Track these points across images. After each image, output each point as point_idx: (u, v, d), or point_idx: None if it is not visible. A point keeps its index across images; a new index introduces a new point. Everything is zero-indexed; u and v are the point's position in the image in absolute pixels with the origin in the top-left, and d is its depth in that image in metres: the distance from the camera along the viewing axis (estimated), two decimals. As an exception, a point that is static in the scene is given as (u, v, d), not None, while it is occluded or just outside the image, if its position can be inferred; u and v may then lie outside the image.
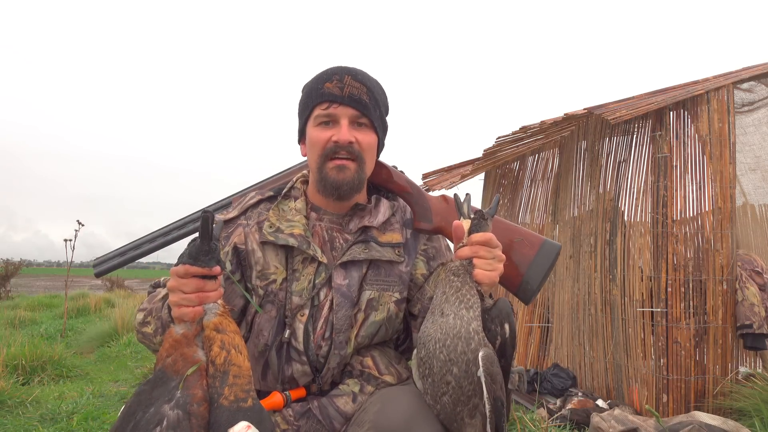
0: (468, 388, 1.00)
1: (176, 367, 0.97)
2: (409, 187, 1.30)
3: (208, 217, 0.96)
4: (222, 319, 1.01)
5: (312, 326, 1.20)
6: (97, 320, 7.92)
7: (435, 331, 1.03)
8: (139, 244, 1.44)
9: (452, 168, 4.85)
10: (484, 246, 1.08)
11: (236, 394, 0.95)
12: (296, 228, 1.23)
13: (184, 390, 0.95)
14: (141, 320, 1.18)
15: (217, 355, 0.97)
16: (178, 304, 0.99)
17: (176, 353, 0.99)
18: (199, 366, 0.98)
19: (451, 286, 1.06)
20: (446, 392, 1.01)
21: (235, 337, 1.00)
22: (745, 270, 3.37)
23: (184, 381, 0.96)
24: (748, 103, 4.44)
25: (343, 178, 1.20)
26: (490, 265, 1.08)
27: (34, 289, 17.37)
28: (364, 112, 1.22)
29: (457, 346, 1.00)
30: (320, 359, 1.20)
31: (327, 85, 1.21)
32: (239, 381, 0.96)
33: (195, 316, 0.99)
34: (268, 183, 1.43)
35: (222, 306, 1.02)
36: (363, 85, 1.22)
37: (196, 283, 0.98)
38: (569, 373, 3.86)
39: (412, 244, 1.29)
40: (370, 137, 1.24)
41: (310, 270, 1.22)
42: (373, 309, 1.23)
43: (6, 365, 4.24)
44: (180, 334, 1.00)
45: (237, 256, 1.24)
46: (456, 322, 1.02)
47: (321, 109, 1.22)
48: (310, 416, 1.18)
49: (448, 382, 1.01)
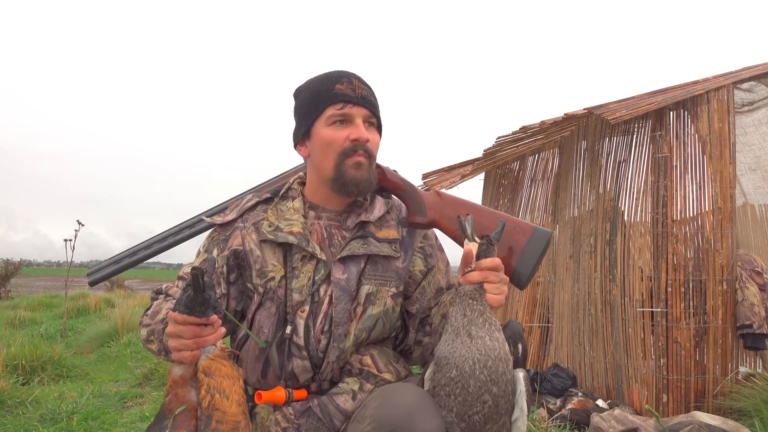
0: (503, 407, 1.05)
1: (170, 407, 1.02)
2: (402, 183, 1.34)
3: (197, 274, 0.99)
4: (212, 363, 1.02)
5: (312, 321, 1.22)
6: (97, 320, 7.92)
7: (470, 353, 1.05)
8: (134, 252, 1.45)
9: (452, 168, 4.85)
10: (493, 271, 1.12)
11: None
12: (295, 226, 1.26)
13: (172, 429, 0.98)
14: (145, 337, 1.23)
15: (203, 398, 1.00)
16: (177, 348, 1.03)
17: (172, 393, 1.03)
18: (189, 406, 1.01)
19: (472, 309, 1.09)
20: (480, 411, 1.05)
21: (223, 382, 1.01)
22: (745, 270, 3.36)
23: (173, 420, 0.99)
24: (748, 103, 4.44)
25: (361, 175, 1.25)
26: (498, 289, 1.13)
27: (34, 289, 17.37)
28: (374, 113, 1.29)
29: (498, 367, 1.05)
30: (320, 354, 1.22)
31: (338, 86, 1.26)
32: (221, 426, 0.98)
33: (192, 360, 1.03)
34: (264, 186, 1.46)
35: (220, 348, 1.05)
36: (369, 87, 1.30)
37: (193, 331, 1.01)
38: (569, 373, 3.86)
39: (408, 241, 1.33)
40: (378, 137, 1.31)
41: (309, 267, 1.24)
42: (370, 303, 1.25)
43: (6, 365, 4.25)
44: (178, 375, 1.03)
45: (236, 258, 1.27)
46: (494, 344, 1.07)
47: (335, 109, 1.25)
48: (310, 414, 1.19)
49: (485, 401, 1.04)
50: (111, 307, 9.46)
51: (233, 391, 1.01)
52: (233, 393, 1.01)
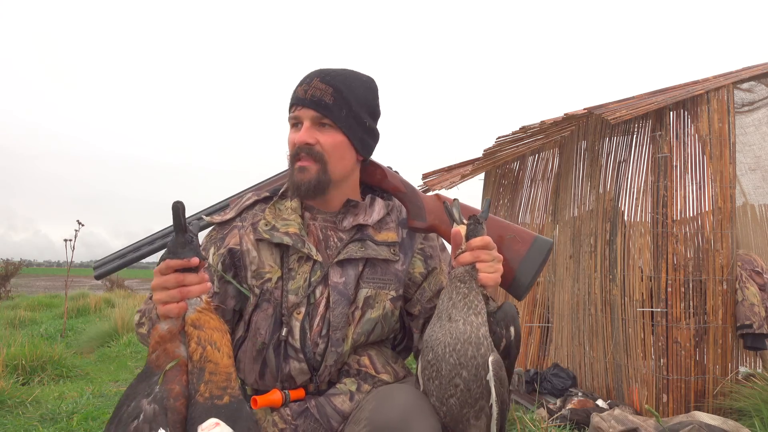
0: (476, 391, 1.04)
1: (158, 363, 0.99)
2: (403, 186, 1.32)
3: (178, 207, 0.97)
4: (201, 315, 1.01)
5: (308, 324, 1.21)
6: (97, 320, 7.92)
7: (444, 336, 1.06)
8: (138, 247, 1.46)
9: (452, 168, 4.85)
10: (484, 249, 1.10)
11: (211, 391, 0.95)
12: (291, 227, 1.24)
13: (163, 385, 0.96)
14: (137, 321, 1.21)
15: (193, 351, 0.98)
16: (162, 301, 1.00)
17: (160, 349, 0.99)
18: (179, 362, 0.98)
19: (458, 291, 1.08)
20: (454, 394, 1.04)
21: (213, 334, 1.00)
22: (745, 270, 3.36)
23: (163, 376, 0.97)
24: (748, 103, 4.43)
25: (301, 179, 1.22)
26: (492, 267, 1.11)
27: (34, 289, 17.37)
28: (324, 113, 1.22)
29: (468, 351, 1.04)
30: (317, 357, 1.21)
31: (297, 88, 1.25)
32: (215, 378, 0.96)
33: (179, 312, 1.00)
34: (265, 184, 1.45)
35: (206, 302, 1.02)
36: (329, 86, 1.23)
37: (177, 278, 0.99)
38: (569, 373, 3.86)
39: (408, 243, 1.31)
40: (334, 137, 1.23)
41: (305, 268, 1.23)
42: (369, 306, 1.24)
43: (6, 365, 4.25)
44: (165, 330, 1.00)
45: (232, 257, 1.26)
46: (466, 327, 1.05)
47: (290, 112, 1.26)
48: (307, 415, 1.18)
49: (456, 384, 1.04)
50: (111, 307, 9.46)
51: (223, 343, 1.00)
52: (223, 345, 1.00)
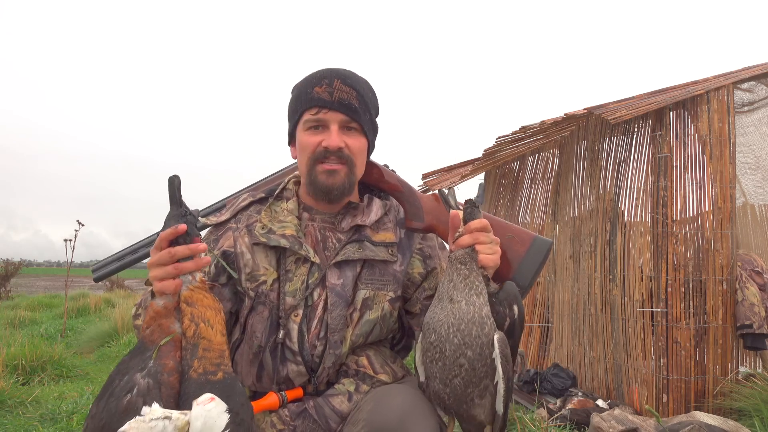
0: (481, 370, 1.05)
1: (153, 338, 1.00)
2: (401, 185, 1.31)
3: (174, 180, 0.99)
4: (194, 293, 1.02)
5: (306, 326, 1.20)
6: (97, 320, 7.92)
7: (446, 317, 1.06)
8: (137, 248, 1.46)
9: (452, 168, 4.85)
10: (483, 231, 1.11)
11: (205, 367, 0.96)
12: (288, 229, 1.23)
13: (157, 360, 0.97)
14: (134, 313, 1.21)
15: (187, 327, 0.99)
16: (158, 277, 1.00)
17: (154, 324, 1.00)
18: (173, 337, 1.00)
19: (458, 273, 1.09)
20: (458, 374, 1.05)
21: (207, 312, 1.01)
22: (745, 270, 3.36)
23: (157, 351, 0.98)
24: (748, 103, 4.43)
25: (333, 183, 1.22)
26: (491, 249, 1.12)
27: (34, 289, 17.36)
28: (354, 117, 1.22)
29: (472, 331, 1.05)
30: (315, 359, 1.20)
31: (317, 89, 1.21)
32: (208, 354, 0.98)
33: (175, 289, 1.01)
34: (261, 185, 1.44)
35: (200, 280, 1.04)
36: (353, 89, 1.22)
37: (170, 253, 0.99)
38: (569, 373, 3.86)
39: (406, 243, 1.30)
40: (360, 141, 1.25)
41: (303, 270, 1.22)
42: (367, 308, 1.23)
43: (6, 365, 4.24)
44: (160, 305, 1.01)
45: (225, 260, 1.25)
46: (469, 308, 1.06)
47: (310, 114, 1.22)
48: (306, 416, 1.18)
49: (461, 365, 1.04)
50: (111, 307, 9.45)
51: (216, 321, 1.02)
52: (216, 323, 1.01)
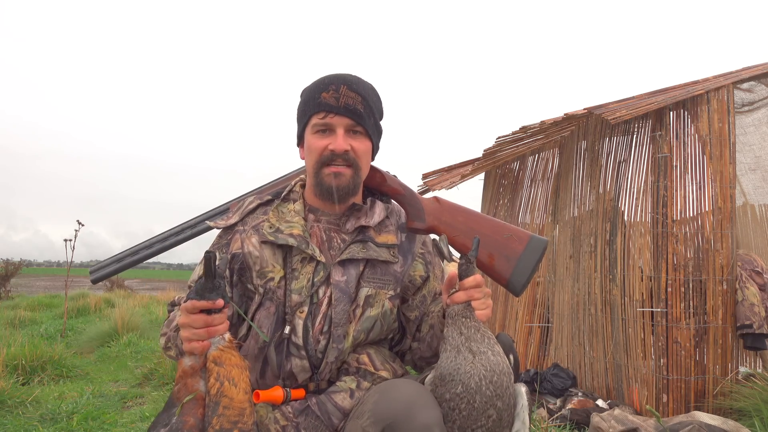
0: (507, 420, 1.09)
1: (179, 395, 1.05)
2: (402, 189, 1.36)
3: (210, 257, 1.03)
4: (222, 353, 1.06)
5: (311, 322, 1.24)
6: (97, 320, 7.92)
7: (474, 368, 1.08)
8: (136, 251, 1.46)
9: (452, 168, 4.85)
10: (477, 288, 1.16)
11: (222, 424, 1.01)
12: (295, 228, 1.28)
13: (180, 416, 1.02)
14: (164, 345, 1.27)
15: (212, 386, 1.04)
16: (188, 339, 1.06)
17: (182, 383, 1.06)
18: (196, 395, 1.04)
19: (467, 326, 1.13)
20: (484, 425, 1.07)
21: (233, 371, 1.06)
22: (745, 270, 3.36)
23: (180, 408, 1.03)
24: (748, 103, 4.43)
25: (338, 184, 1.27)
26: (484, 304, 1.17)
27: (34, 289, 17.36)
28: (359, 122, 1.27)
29: (503, 382, 1.08)
30: (318, 354, 1.23)
31: (324, 95, 1.27)
32: (227, 412, 1.02)
33: (203, 350, 1.06)
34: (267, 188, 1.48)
35: (228, 340, 1.08)
36: (358, 94, 1.27)
37: (204, 319, 1.05)
38: (569, 373, 3.86)
39: (407, 246, 1.35)
40: (365, 144, 1.30)
41: (308, 269, 1.26)
42: (369, 305, 1.27)
43: (6, 365, 4.24)
44: (188, 366, 1.07)
45: (235, 262, 1.29)
46: (497, 359, 1.10)
47: (318, 118, 1.27)
48: (309, 413, 1.20)
49: (489, 416, 1.07)
50: (111, 307, 9.45)
51: (241, 379, 1.06)
52: (241, 381, 1.06)
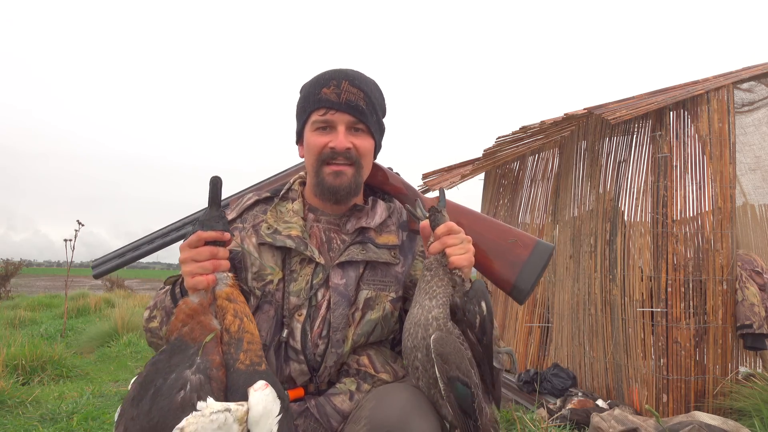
0: (432, 371, 1.07)
1: (194, 335, 1.01)
2: (405, 188, 1.33)
3: (217, 182, 1.00)
4: (233, 290, 1.06)
5: (309, 326, 1.21)
6: (97, 320, 7.91)
7: (406, 322, 1.12)
8: (137, 246, 1.45)
9: (452, 168, 4.85)
10: (449, 234, 1.12)
11: (251, 359, 1.00)
12: (294, 229, 1.24)
13: (204, 356, 0.98)
14: (147, 317, 1.20)
15: (231, 323, 1.02)
16: (192, 273, 1.01)
17: (193, 322, 1.02)
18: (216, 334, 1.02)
19: (423, 280, 1.14)
20: (419, 377, 1.09)
21: (246, 307, 1.06)
22: (745, 270, 3.36)
23: (203, 348, 0.99)
24: (748, 103, 4.43)
25: (339, 183, 1.23)
26: (462, 249, 1.13)
27: (34, 289, 17.36)
28: (361, 119, 1.23)
29: (418, 333, 1.08)
30: (317, 358, 1.21)
31: (324, 90, 1.22)
32: (252, 347, 1.02)
33: (209, 285, 1.02)
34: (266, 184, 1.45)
35: (232, 277, 1.07)
36: (360, 90, 1.23)
37: (210, 250, 1.01)
38: (569, 373, 3.86)
39: (408, 245, 1.31)
40: (367, 142, 1.25)
41: (307, 271, 1.23)
42: (369, 308, 1.24)
43: (6, 365, 4.24)
44: (196, 302, 1.02)
45: (232, 259, 1.25)
46: (418, 311, 1.10)
47: (318, 115, 1.23)
48: (308, 415, 1.18)
49: (416, 367, 1.09)
50: (111, 307, 9.45)
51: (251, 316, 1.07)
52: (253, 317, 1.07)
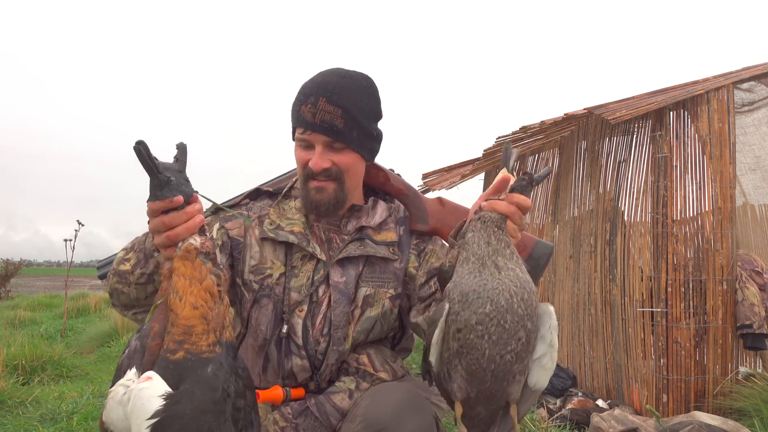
0: (533, 343, 0.99)
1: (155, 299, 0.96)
2: (406, 189, 1.34)
3: (140, 148, 0.87)
4: (176, 262, 0.93)
5: (311, 322, 1.23)
6: (97, 320, 7.91)
7: (503, 284, 0.94)
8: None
9: (452, 168, 4.85)
10: (524, 207, 1.05)
11: (168, 345, 0.88)
12: (296, 226, 1.26)
13: (149, 322, 0.93)
14: (120, 257, 1.11)
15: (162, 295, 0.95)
16: (161, 244, 0.97)
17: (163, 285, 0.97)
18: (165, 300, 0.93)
19: (497, 238, 0.99)
20: (513, 349, 0.95)
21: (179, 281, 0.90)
22: (745, 270, 3.36)
23: (151, 312, 0.94)
24: (748, 103, 4.43)
25: (320, 199, 1.23)
26: (516, 232, 1.07)
27: (34, 289, 17.36)
28: (337, 138, 1.20)
29: (533, 301, 0.97)
30: (319, 356, 1.22)
31: (302, 108, 1.21)
32: (172, 330, 0.89)
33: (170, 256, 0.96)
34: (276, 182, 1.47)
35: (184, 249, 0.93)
36: (338, 107, 1.19)
37: (162, 221, 0.93)
38: (569, 373, 3.86)
39: (405, 240, 1.32)
40: (348, 157, 1.23)
41: (309, 267, 1.25)
42: (368, 305, 1.25)
43: (6, 365, 4.24)
44: (166, 269, 0.96)
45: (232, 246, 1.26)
46: (526, 276, 0.98)
47: (299, 133, 1.23)
48: (308, 414, 1.20)
49: (519, 338, 0.95)
50: (111, 307, 9.44)
51: (188, 292, 0.90)
52: (188, 294, 0.89)
